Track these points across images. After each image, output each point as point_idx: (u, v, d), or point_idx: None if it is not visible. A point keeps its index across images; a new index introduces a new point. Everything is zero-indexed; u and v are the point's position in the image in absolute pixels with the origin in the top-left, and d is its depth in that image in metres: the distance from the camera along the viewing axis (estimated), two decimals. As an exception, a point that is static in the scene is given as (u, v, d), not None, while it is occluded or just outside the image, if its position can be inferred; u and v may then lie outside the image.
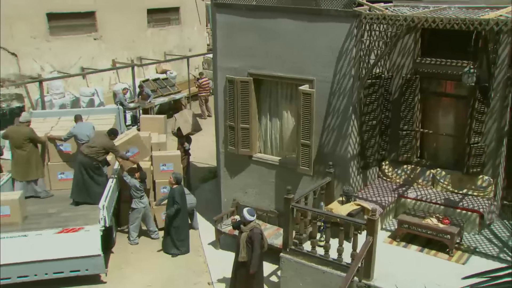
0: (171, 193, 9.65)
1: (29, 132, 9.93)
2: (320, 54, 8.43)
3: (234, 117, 9.62)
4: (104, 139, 9.85)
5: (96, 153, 9.66)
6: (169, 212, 9.55)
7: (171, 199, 9.62)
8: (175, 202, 9.55)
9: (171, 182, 9.69)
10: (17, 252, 8.49)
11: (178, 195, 9.65)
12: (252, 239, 7.60)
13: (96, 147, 9.65)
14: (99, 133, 10.11)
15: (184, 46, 22.43)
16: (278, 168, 9.59)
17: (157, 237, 10.49)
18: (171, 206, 9.57)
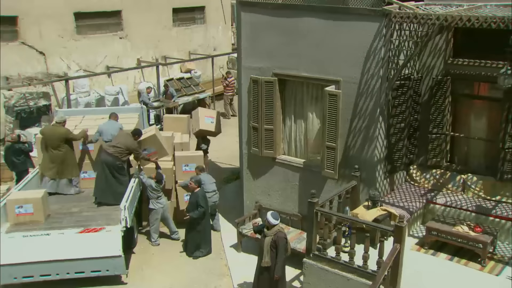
0: (194, 197, 9.51)
1: (65, 132, 9.95)
2: (347, 54, 8.18)
3: (258, 118, 9.44)
4: (128, 139, 9.78)
5: (120, 153, 9.60)
6: (192, 215, 9.40)
7: (194, 203, 9.47)
8: (199, 206, 9.42)
9: (192, 187, 9.55)
10: (39, 251, 8.49)
11: (202, 199, 9.53)
12: (276, 244, 7.40)
13: (120, 147, 9.58)
14: (123, 133, 10.04)
15: (209, 45, 22.36)
16: (302, 171, 9.37)
17: (177, 238, 10.39)
18: (195, 210, 9.43)
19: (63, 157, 9.94)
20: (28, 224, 8.84)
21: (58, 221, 9.07)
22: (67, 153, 10.00)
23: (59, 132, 9.89)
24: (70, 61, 17.24)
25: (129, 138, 9.81)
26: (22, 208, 8.84)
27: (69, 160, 10.06)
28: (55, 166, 9.96)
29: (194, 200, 9.48)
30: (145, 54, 19.59)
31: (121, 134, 9.97)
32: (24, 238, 8.53)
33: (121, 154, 9.63)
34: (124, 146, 9.61)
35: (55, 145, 9.84)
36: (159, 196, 9.98)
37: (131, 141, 9.80)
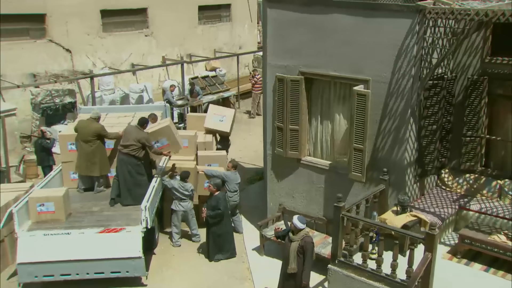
0: (215, 200, 9.26)
1: (99, 128, 9.78)
2: (378, 53, 7.82)
3: (283, 118, 9.15)
4: (136, 132, 9.48)
5: (134, 150, 9.35)
6: (209, 213, 9.18)
7: (215, 206, 9.23)
8: (218, 208, 9.20)
9: (212, 190, 9.31)
10: (60, 250, 8.38)
11: (223, 202, 9.31)
12: (304, 249, 7.11)
13: (133, 144, 9.33)
14: (131, 128, 9.70)
15: (234, 43, 22.17)
16: (328, 173, 9.05)
17: (198, 240, 10.18)
18: (213, 210, 9.24)
19: (92, 153, 9.73)
20: (50, 222, 8.75)
21: (79, 220, 8.95)
22: (98, 149, 9.78)
23: (92, 127, 9.72)
24: (95, 59, 17.25)
25: (137, 130, 9.52)
26: (43, 206, 8.75)
27: (99, 157, 9.82)
28: (83, 161, 9.78)
29: (215, 203, 9.23)
30: (170, 52, 19.49)
31: (129, 130, 9.62)
32: (45, 237, 8.45)
33: (136, 151, 9.37)
34: (135, 140, 9.34)
35: (86, 139, 9.68)
36: (182, 198, 9.72)
37: (140, 133, 9.49)
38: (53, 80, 15.28)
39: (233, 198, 10.21)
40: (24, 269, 8.37)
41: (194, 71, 20.34)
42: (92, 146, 9.70)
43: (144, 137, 9.46)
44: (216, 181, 9.39)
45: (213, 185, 9.28)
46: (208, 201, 9.43)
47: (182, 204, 9.73)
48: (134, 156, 9.37)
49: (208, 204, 9.35)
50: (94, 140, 9.70)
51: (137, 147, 9.37)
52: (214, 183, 9.31)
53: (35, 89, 15.59)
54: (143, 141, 9.41)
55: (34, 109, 15.68)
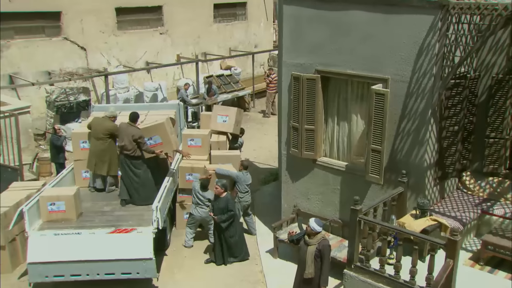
0: (223, 202, 8.95)
1: (113, 127, 9.55)
2: (397, 50, 7.54)
3: (298, 117, 8.91)
4: (129, 128, 9.19)
5: (131, 150, 9.11)
6: (221, 217, 8.87)
7: (223, 209, 8.95)
8: (229, 210, 8.95)
9: (219, 191, 8.99)
10: (70, 250, 8.24)
11: (232, 203, 9.06)
12: (321, 253, 6.86)
13: (126, 144, 9.09)
14: (123, 125, 9.36)
15: (250, 42, 21.98)
16: (344, 174, 8.78)
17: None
18: (222, 213, 8.94)
19: (103, 152, 9.57)
20: (60, 221, 8.63)
21: (90, 220, 8.81)
22: (109, 148, 9.58)
23: (106, 125, 9.55)
24: (110, 57, 17.20)
25: (129, 126, 9.24)
26: (54, 205, 8.62)
27: (109, 156, 9.63)
28: (93, 159, 9.64)
29: (224, 205, 8.93)
30: (185, 50, 19.38)
31: (122, 128, 9.31)
32: (56, 237, 8.31)
33: (133, 151, 9.12)
34: (128, 138, 9.07)
35: (98, 137, 9.53)
36: (199, 204, 9.51)
37: (132, 128, 9.19)
38: (68, 78, 15.24)
39: (244, 199, 9.99)
40: (35, 268, 8.25)
41: (209, 69, 20.20)
42: (104, 144, 9.54)
43: (136, 133, 9.14)
44: (223, 182, 9.06)
45: (220, 186, 8.92)
46: (214, 203, 9.08)
47: (199, 210, 9.52)
48: (130, 155, 9.17)
49: (215, 207, 9.00)
50: (106, 139, 9.54)
51: (133, 146, 9.12)
52: (221, 184, 8.96)
53: (49, 87, 15.57)
54: (136, 138, 9.11)
55: (48, 107, 15.66)
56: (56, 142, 12.19)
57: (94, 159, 9.64)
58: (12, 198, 9.49)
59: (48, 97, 15.56)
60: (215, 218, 8.89)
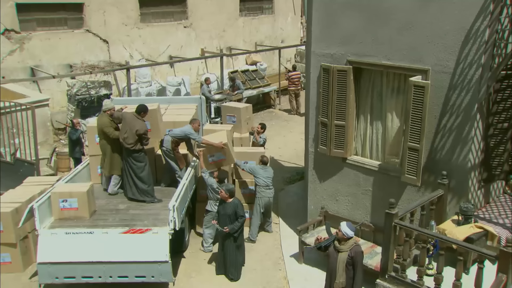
0: (231, 208, 8.12)
1: (104, 123, 8.95)
2: (440, 38, 6.79)
3: (327, 112, 8.23)
4: (133, 121, 8.62)
5: (131, 144, 8.57)
6: (233, 227, 8.07)
7: (231, 215, 8.12)
8: (239, 216, 8.11)
9: (223, 196, 8.17)
10: (82, 250, 7.75)
11: (241, 208, 8.21)
12: (354, 260, 6.19)
13: (128, 137, 8.55)
14: (128, 115, 8.81)
15: (276, 37, 21.32)
16: (377, 175, 8.06)
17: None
18: (231, 223, 8.12)
19: (103, 148, 9.03)
20: (73, 219, 8.15)
21: (103, 218, 8.30)
22: (104, 147, 9.02)
23: (101, 121, 8.99)
24: (132, 50, 16.76)
25: (134, 119, 8.67)
26: (66, 202, 8.14)
27: (108, 155, 9.01)
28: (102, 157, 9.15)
29: (232, 211, 8.09)
30: (209, 45, 18.83)
31: (127, 119, 8.73)
32: (67, 236, 7.83)
33: (134, 145, 8.58)
34: (130, 131, 8.53)
35: (100, 136, 9.03)
36: (219, 199, 8.93)
37: (137, 121, 8.64)
38: (89, 71, 14.85)
39: (265, 193, 9.36)
40: (45, 269, 7.78)
41: (234, 64, 19.63)
42: (102, 141, 9.03)
43: (140, 127, 8.59)
44: (229, 187, 8.24)
45: (225, 191, 8.13)
46: (220, 210, 8.25)
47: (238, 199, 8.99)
48: (133, 150, 8.64)
49: (221, 214, 8.19)
50: (102, 136, 8.99)
51: (135, 140, 8.58)
52: (227, 188, 8.16)
53: (71, 80, 15.21)
54: (140, 132, 8.56)
55: (69, 101, 15.30)
56: (72, 136, 11.79)
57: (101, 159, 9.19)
58: (25, 194, 9.09)
59: (69, 91, 15.20)
60: (226, 229, 8.03)
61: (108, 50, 16.21)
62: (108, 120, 9.00)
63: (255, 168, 9.38)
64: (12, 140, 11.65)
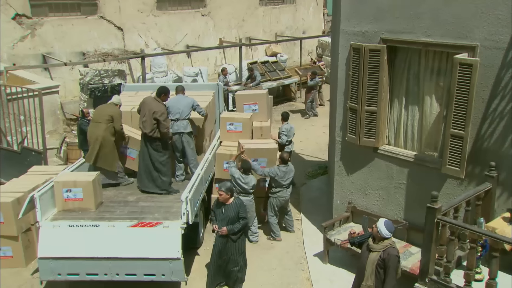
0: (232, 210, 6.93)
1: (114, 111, 8.28)
2: (492, 8, 5.94)
3: (357, 97, 7.43)
4: (153, 104, 7.96)
5: (150, 127, 7.88)
6: (233, 228, 6.91)
7: (233, 218, 6.93)
8: (241, 218, 6.97)
9: (225, 198, 6.91)
10: (87, 245, 7.07)
11: (244, 209, 7.05)
12: (386, 263, 5.40)
13: (146, 120, 7.87)
14: (147, 99, 8.16)
15: (298, 28, 20.52)
16: (413, 166, 7.23)
17: (256, 241, 8.68)
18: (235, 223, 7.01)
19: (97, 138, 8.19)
20: (77, 211, 7.49)
21: (111, 210, 7.62)
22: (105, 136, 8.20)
23: (111, 110, 8.30)
24: (148, 38, 16.11)
25: (153, 101, 8.02)
26: (70, 192, 7.47)
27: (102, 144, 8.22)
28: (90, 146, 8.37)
29: (234, 214, 6.91)
30: (228, 34, 18.11)
31: (146, 102, 8.08)
32: (71, 228, 7.16)
33: (152, 129, 7.88)
34: (149, 114, 7.84)
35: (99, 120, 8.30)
36: (241, 192, 8.15)
37: (156, 103, 7.98)
38: (102, 59, 14.23)
39: (280, 194, 8.55)
40: (46, 264, 7.13)
41: (253, 56, 18.88)
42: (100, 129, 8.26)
43: (158, 109, 7.93)
44: (227, 186, 6.97)
45: (224, 191, 6.89)
46: (218, 212, 7.03)
47: (241, 199, 8.19)
48: (151, 138, 7.96)
49: (220, 217, 6.97)
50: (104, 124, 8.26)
51: (152, 126, 7.90)
52: (226, 188, 6.90)
53: (83, 69, 14.62)
54: (157, 115, 7.87)
55: (82, 90, 14.71)
56: (84, 127, 11.07)
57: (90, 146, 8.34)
58: (28, 183, 8.46)
59: (81, 80, 14.61)
60: (224, 230, 6.87)
61: (122, 38, 15.58)
62: (120, 112, 8.38)
63: (274, 172, 8.43)
64: (19, 128, 11.07)
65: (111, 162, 8.33)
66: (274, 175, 8.39)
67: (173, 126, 8.40)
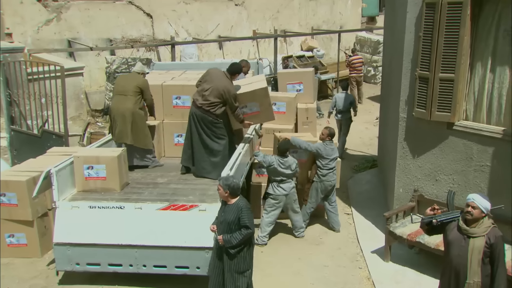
0: (232, 213, 5.12)
1: (142, 81, 7.30)
2: None
3: (430, 63, 6.26)
4: (223, 79, 6.91)
5: (212, 104, 6.82)
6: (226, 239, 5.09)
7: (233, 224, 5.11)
8: (243, 227, 5.07)
9: (223, 195, 5.17)
10: (110, 230, 6.05)
11: (248, 215, 5.10)
12: (493, 248, 4.20)
13: (211, 94, 6.80)
14: (216, 72, 7.07)
15: (335, 22, 19.41)
16: (500, 145, 6.01)
17: (302, 236, 7.54)
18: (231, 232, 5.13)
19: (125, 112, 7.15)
20: (100, 192, 6.47)
21: (138, 192, 6.58)
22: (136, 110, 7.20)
23: (138, 80, 7.26)
24: (178, 27, 15.20)
25: (224, 78, 6.94)
26: (92, 169, 6.47)
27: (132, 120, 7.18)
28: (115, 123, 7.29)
29: (234, 218, 5.09)
30: (262, 26, 17.10)
31: (213, 74, 6.99)
32: (91, 210, 6.15)
33: (214, 106, 6.82)
34: (216, 92, 6.78)
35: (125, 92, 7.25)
36: (282, 179, 7.06)
37: (227, 82, 6.91)
38: (130, 45, 13.36)
39: (327, 178, 7.41)
40: (63, 252, 6.13)
41: (288, 50, 17.81)
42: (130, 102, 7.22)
43: (230, 90, 6.89)
44: (229, 181, 5.14)
45: (223, 186, 5.13)
46: (219, 215, 5.31)
47: (282, 186, 7.08)
48: (210, 112, 6.84)
49: (222, 219, 5.21)
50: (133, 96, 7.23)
51: (216, 101, 6.82)
52: (226, 183, 5.12)
53: (110, 57, 13.74)
54: (227, 96, 6.83)
55: (108, 79, 13.81)
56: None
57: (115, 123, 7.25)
58: (46, 163, 7.44)
59: (108, 68, 13.72)
60: (220, 238, 5.14)
61: (151, 26, 14.69)
62: (144, 80, 7.37)
63: (320, 148, 7.35)
64: (41, 112, 10.19)
65: (143, 139, 7.31)
66: (321, 152, 7.25)
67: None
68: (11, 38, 10.22)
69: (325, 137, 7.43)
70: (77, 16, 13.42)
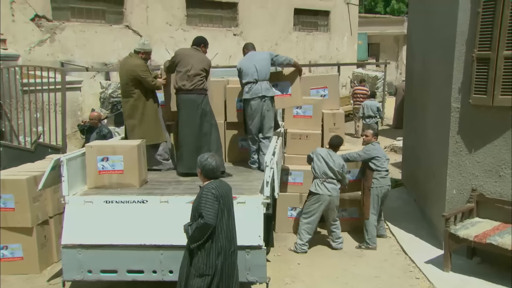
0: (197, 198, 4.20)
1: (140, 64, 6.25)
2: None
3: (491, 41, 5.66)
4: (196, 54, 6.21)
5: (201, 81, 6.11)
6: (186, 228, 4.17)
7: (195, 211, 4.18)
8: (199, 216, 4.08)
9: (199, 174, 4.32)
10: (129, 228, 5.04)
11: (207, 203, 4.06)
12: None
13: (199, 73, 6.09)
14: (190, 51, 6.27)
15: (332, 57, 19.16)
16: None
17: (340, 247, 6.60)
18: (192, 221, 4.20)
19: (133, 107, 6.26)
20: (115, 188, 5.49)
21: (160, 188, 5.63)
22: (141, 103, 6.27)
23: (132, 63, 6.23)
24: (176, 54, 14.61)
25: (198, 53, 6.24)
26: (107, 161, 5.51)
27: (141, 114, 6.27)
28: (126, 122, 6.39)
29: (195, 204, 4.22)
30: (261, 57, 16.67)
31: (184, 53, 6.23)
32: (108, 206, 5.15)
33: (203, 79, 6.11)
34: (200, 67, 6.09)
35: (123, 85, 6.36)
36: (327, 178, 6.32)
37: (201, 54, 6.25)
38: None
39: (386, 181, 6.67)
40: (72, 256, 5.06)
41: (285, 83, 17.34)
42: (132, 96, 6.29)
43: (208, 61, 6.25)
44: (204, 158, 4.27)
45: (198, 164, 4.29)
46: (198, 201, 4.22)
47: (327, 186, 6.25)
48: (204, 89, 6.14)
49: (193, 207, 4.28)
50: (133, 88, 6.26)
51: (204, 76, 6.15)
52: (200, 160, 4.27)
53: (105, 82, 12.97)
54: (207, 67, 6.19)
55: (102, 105, 12.96)
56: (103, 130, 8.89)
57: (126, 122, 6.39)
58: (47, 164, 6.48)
59: (102, 93, 12.91)
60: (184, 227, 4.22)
61: (149, 51, 14.06)
62: (143, 63, 6.31)
63: (370, 149, 6.65)
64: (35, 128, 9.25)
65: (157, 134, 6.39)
66: (375, 152, 6.53)
67: (251, 89, 6.45)
68: (5, 45, 9.40)
69: (371, 138, 6.75)
70: (72, 38, 12.74)
